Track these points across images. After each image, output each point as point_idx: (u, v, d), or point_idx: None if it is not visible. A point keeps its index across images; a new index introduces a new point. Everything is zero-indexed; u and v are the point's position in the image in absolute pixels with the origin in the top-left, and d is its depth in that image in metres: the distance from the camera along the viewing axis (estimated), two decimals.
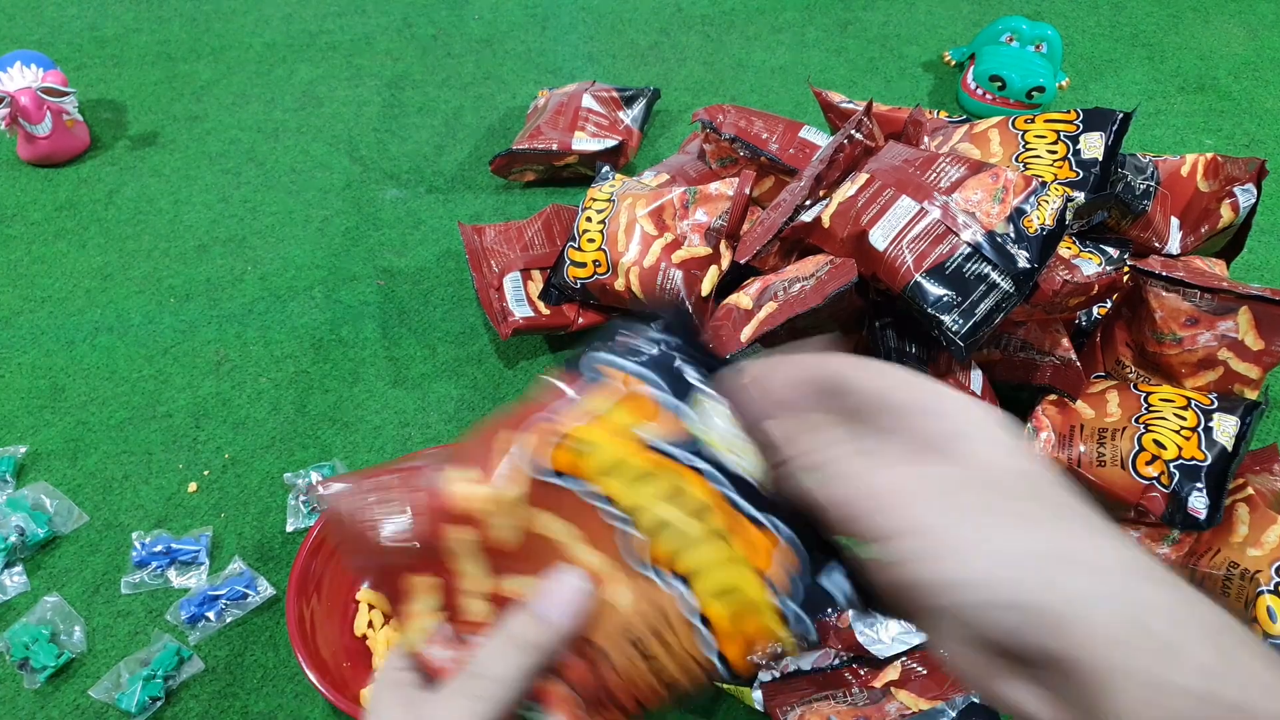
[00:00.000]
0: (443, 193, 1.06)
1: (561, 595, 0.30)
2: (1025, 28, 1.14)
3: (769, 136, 0.90)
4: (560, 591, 0.31)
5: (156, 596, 0.71)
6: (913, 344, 0.72)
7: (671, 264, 0.80)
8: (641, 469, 0.31)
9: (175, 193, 1.07)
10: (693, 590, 0.30)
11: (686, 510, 0.30)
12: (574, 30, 1.33)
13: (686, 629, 0.30)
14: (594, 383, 0.32)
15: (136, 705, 0.63)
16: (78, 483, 0.78)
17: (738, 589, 0.30)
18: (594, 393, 0.32)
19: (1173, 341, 0.72)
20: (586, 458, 0.31)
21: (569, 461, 0.31)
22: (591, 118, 1.06)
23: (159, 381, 0.87)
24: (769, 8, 1.35)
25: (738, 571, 0.30)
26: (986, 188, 0.68)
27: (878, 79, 1.22)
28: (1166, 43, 1.27)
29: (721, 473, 0.30)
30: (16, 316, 0.93)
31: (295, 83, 1.23)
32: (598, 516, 0.31)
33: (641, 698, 0.31)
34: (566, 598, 0.30)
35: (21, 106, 1.03)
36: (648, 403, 0.31)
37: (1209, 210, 0.82)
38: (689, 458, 0.31)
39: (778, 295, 0.71)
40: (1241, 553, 0.64)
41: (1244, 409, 0.69)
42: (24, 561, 0.73)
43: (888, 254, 0.68)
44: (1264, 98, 1.18)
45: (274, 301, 0.94)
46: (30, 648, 0.66)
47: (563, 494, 0.31)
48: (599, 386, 0.32)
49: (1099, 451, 0.69)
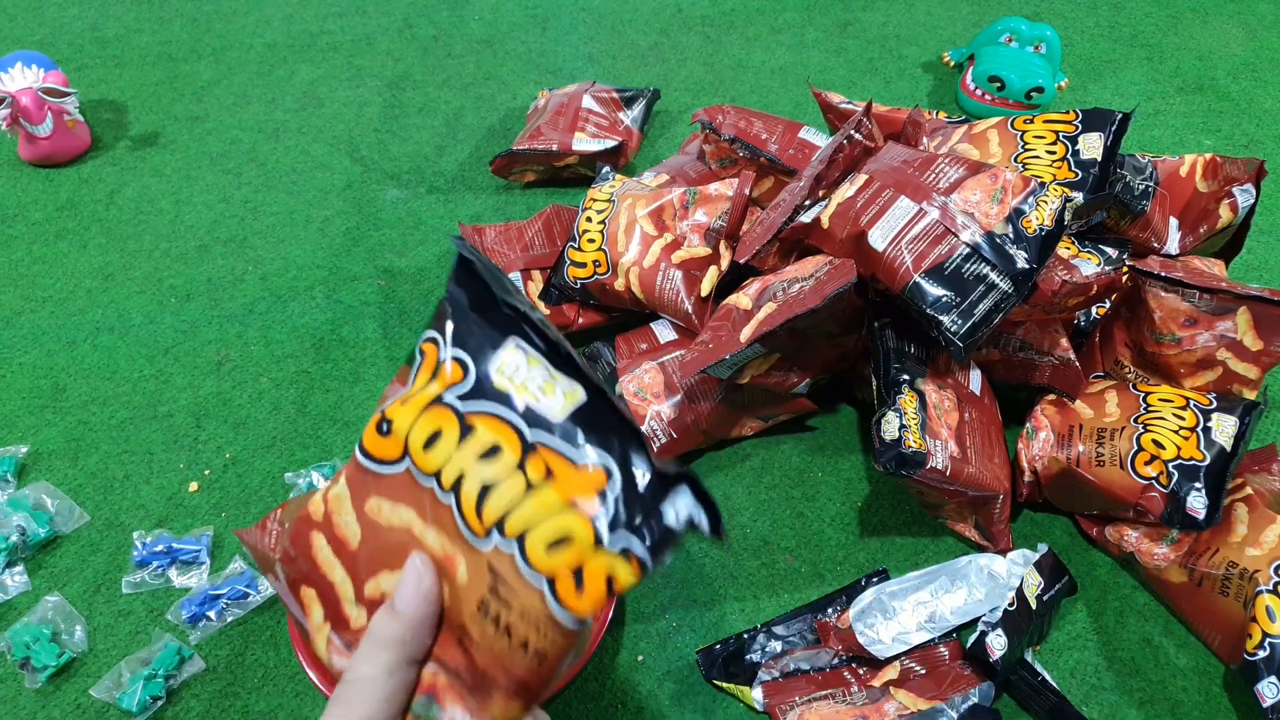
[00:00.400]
0: (443, 193, 1.07)
1: (407, 584, 0.31)
2: (1024, 28, 1.14)
3: (768, 137, 0.90)
4: (405, 580, 0.31)
5: (157, 596, 0.71)
6: (912, 344, 0.72)
7: (671, 264, 0.80)
8: (453, 435, 0.31)
9: (176, 193, 1.07)
10: (525, 547, 0.30)
11: (504, 467, 0.30)
12: (574, 31, 1.33)
13: (526, 587, 0.30)
14: (416, 363, 0.33)
15: (137, 705, 0.63)
16: (79, 482, 0.78)
17: (566, 535, 0.29)
18: (417, 373, 0.33)
19: (1171, 342, 0.72)
20: (395, 437, 0.31)
21: (380, 445, 0.32)
22: (591, 118, 1.06)
23: (160, 381, 0.87)
24: (769, 9, 1.36)
25: (565, 519, 0.29)
26: (985, 188, 0.68)
27: (877, 80, 1.23)
28: (1165, 43, 1.28)
29: (534, 418, 0.30)
30: (18, 316, 0.93)
31: (296, 83, 1.23)
32: (431, 494, 0.31)
33: (517, 673, 0.31)
34: (410, 585, 0.30)
35: (23, 107, 1.03)
36: (455, 368, 0.32)
37: (1208, 210, 0.82)
38: (499, 409, 0.31)
39: (777, 295, 0.71)
40: (1240, 552, 0.64)
41: (1243, 409, 0.69)
42: (25, 561, 0.73)
43: (887, 254, 0.68)
44: (1263, 98, 1.18)
45: (275, 301, 0.94)
46: (31, 647, 0.66)
47: (392, 480, 0.32)
48: (420, 366, 0.33)
49: (1098, 451, 0.69)
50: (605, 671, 0.66)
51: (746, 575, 0.72)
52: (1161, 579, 0.68)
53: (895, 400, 0.68)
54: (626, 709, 0.65)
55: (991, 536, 0.72)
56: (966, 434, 0.69)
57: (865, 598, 0.66)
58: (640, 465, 0.29)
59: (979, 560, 0.70)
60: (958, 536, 0.74)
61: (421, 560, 0.31)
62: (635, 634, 0.68)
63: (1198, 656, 0.67)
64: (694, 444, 0.78)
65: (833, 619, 0.67)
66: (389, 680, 0.30)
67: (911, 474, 0.65)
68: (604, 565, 0.29)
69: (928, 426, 0.67)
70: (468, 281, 0.33)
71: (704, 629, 0.69)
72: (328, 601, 0.33)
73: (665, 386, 0.77)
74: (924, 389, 0.69)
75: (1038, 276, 0.65)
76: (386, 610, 0.31)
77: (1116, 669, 0.66)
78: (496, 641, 0.30)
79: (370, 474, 0.32)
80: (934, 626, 0.66)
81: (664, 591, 0.71)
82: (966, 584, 0.68)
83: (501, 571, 0.30)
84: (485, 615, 0.30)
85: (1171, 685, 0.66)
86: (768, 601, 0.70)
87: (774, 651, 0.67)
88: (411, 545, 0.31)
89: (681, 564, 0.73)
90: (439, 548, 0.31)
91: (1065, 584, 0.68)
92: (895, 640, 0.65)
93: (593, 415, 0.30)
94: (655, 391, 0.77)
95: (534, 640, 0.30)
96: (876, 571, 0.71)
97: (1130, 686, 0.65)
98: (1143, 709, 0.64)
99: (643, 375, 0.78)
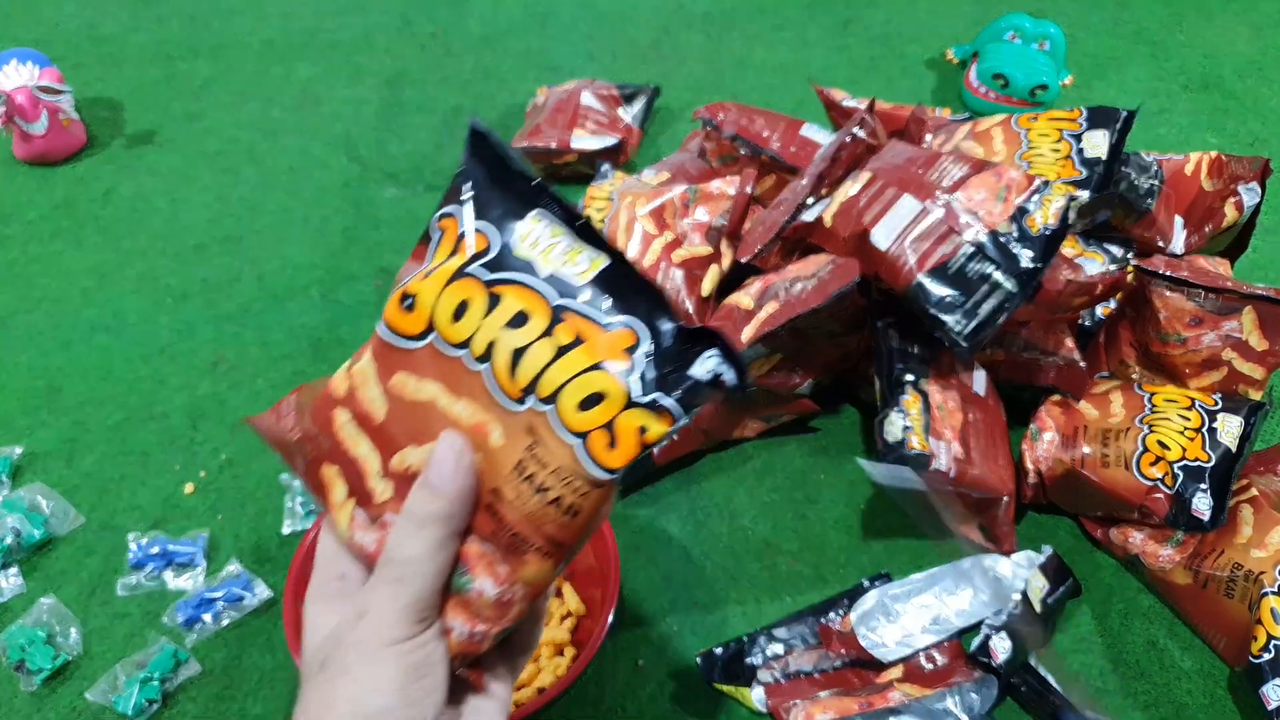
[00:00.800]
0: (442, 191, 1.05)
1: (445, 461, 0.31)
2: (1028, 25, 1.13)
3: (770, 135, 0.90)
4: (443, 457, 0.31)
5: (153, 598, 0.70)
6: (915, 344, 0.71)
7: (672, 263, 0.80)
8: (480, 305, 0.31)
9: (173, 192, 1.07)
10: (558, 406, 0.30)
11: (533, 332, 0.31)
12: (574, 28, 1.32)
13: (560, 445, 0.30)
14: (434, 240, 0.33)
15: (133, 708, 0.63)
16: (74, 484, 0.78)
17: (598, 392, 0.30)
18: (435, 249, 0.33)
19: (1177, 342, 0.71)
20: (419, 311, 0.32)
21: (404, 320, 0.32)
22: (591, 115, 1.05)
23: (156, 382, 0.86)
24: (770, 5, 1.35)
25: (595, 378, 0.30)
26: (989, 187, 0.68)
27: (880, 77, 1.22)
28: (1170, 41, 1.27)
29: (560, 285, 0.31)
30: (13, 316, 0.93)
31: (293, 81, 1.23)
32: (460, 364, 0.32)
33: (550, 530, 0.31)
34: (450, 462, 0.31)
35: (17, 105, 1.02)
36: (480, 238, 0.32)
37: (1213, 209, 0.82)
38: (524, 278, 0.31)
39: (779, 295, 0.70)
40: (1245, 554, 0.64)
41: (1248, 410, 0.68)
42: (20, 563, 0.72)
43: (890, 254, 0.67)
44: (1268, 96, 1.17)
45: (271, 301, 0.94)
46: (26, 650, 0.66)
47: (417, 354, 0.32)
48: (439, 242, 0.33)
49: (1103, 452, 0.68)
50: (605, 677, 0.66)
51: (748, 578, 0.71)
52: (1166, 581, 0.68)
53: (899, 401, 0.67)
54: (627, 713, 0.64)
55: (996, 538, 0.71)
56: (970, 435, 0.68)
57: (868, 600, 0.66)
58: (665, 325, 0.30)
59: (983, 562, 0.69)
60: (961, 538, 0.73)
61: (457, 435, 0.32)
62: (635, 638, 0.68)
63: (1203, 659, 0.66)
64: (695, 445, 0.77)
65: (835, 623, 0.67)
66: (437, 555, 0.31)
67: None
68: (635, 419, 0.30)
69: (931, 427, 0.66)
70: (485, 155, 0.33)
71: (705, 632, 0.68)
72: (351, 476, 0.34)
73: None
74: (928, 389, 0.69)
75: (1042, 276, 0.65)
76: (424, 488, 0.31)
77: (1121, 672, 0.66)
78: (530, 499, 0.31)
79: (395, 349, 0.33)
80: (938, 629, 0.66)
81: (664, 595, 0.70)
82: (970, 586, 0.68)
83: (539, 431, 0.31)
84: (520, 475, 0.31)
85: (1176, 688, 0.65)
86: (769, 604, 0.70)
87: (775, 654, 0.66)
88: (439, 418, 0.32)
89: (682, 567, 0.72)
90: (469, 416, 0.32)
91: (1070, 586, 0.68)
92: (899, 644, 0.65)
93: (616, 280, 0.31)
94: None
95: (568, 496, 0.31)
96: (879, 574, 0.70)
97: (1135, 689, 0.65)
98: (1147, 712, 0.64)
99: None
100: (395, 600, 0.30)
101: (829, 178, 0.76)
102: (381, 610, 0.30)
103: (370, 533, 0.33)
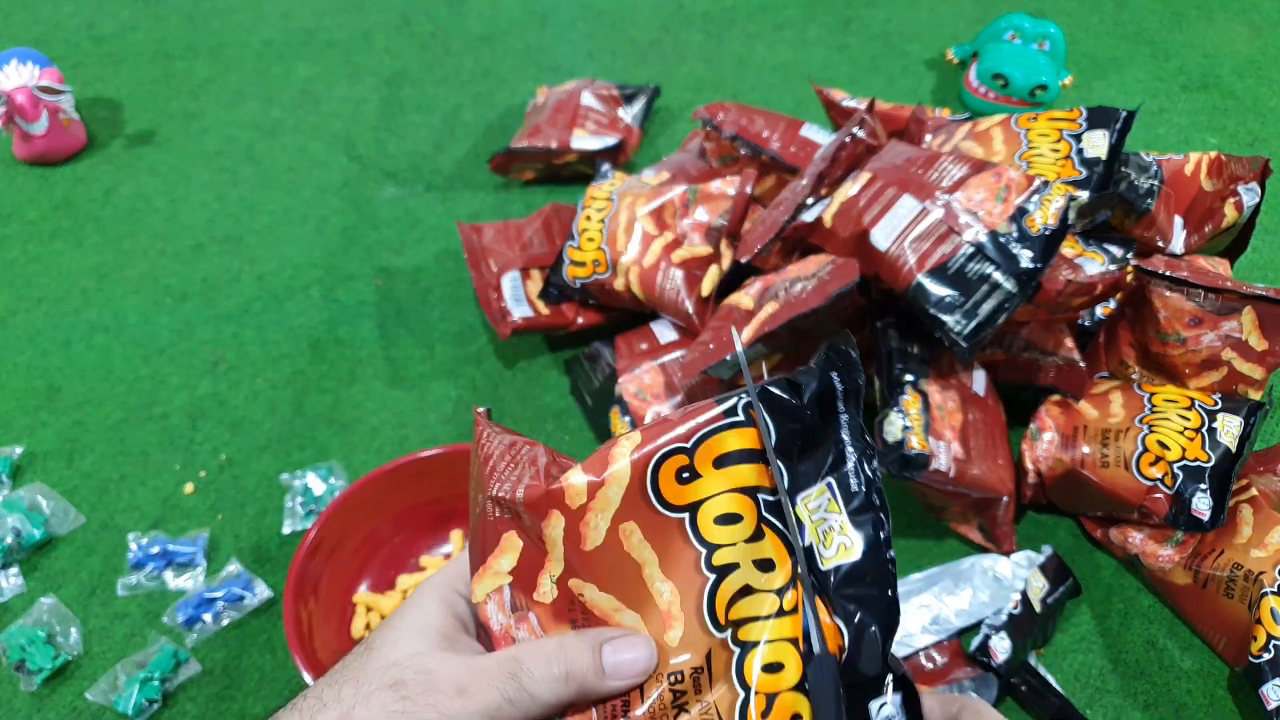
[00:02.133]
0: (441, 191, 1.06)
1: (633, 664, 0.31)
2: (1028, 25, 1.13)
3: (770, 135, 0.89)
4: (634, 659, 0.31)
5: (153, 598, 0.70)
6: (915, 344, 0.71)
7: (672, 263, 0.80)
8: (746, 529, 0.32)
9: (172, 191, 1.07)
10: (747, 657, 0.31)
11: (769, 583, 0.31)
12: (574, 27, 1.32)
13: (728, 690, 0.31)
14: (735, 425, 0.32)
15: (133, 708, 0.63)
16: (74, 484, 0.78)
17: (781, 663, 0.31)
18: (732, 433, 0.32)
19: (1176, 342, 0.71)
20: (690, 493, 0.32)
21: (673, 490, 0.32)
22: (591, 115, 1.05)
23: (155, 382, 0.86)
24: (770, 5, 1.35)
25: (787, 650, 0.31)
26: (989, 187, 0.67)
27: (880, 77, 1.22)
28: (1170, 40, 1.27)
29: (809, 558, 0.32)
30: (12, 316, 0.93)
31: (293, 80, 1.23)
32: (694, 556, 0.32)
33: None
34: (635, 666, 0.31)
35: (17, 105, 1.02)
36: (769, 472, 0.32)
37: (1213, 209, 0.82)
38: (788, 535, 0.32)
39: (779, 295, 0.70)
40: (1245, 554, 0.64)
41: (1248, 410, 0.68)
42: (20, 563, 0.72)
43: (890, 254, 0.67)
44: (1268, 96, 1.17)
45: (271, 301, 0.94)
46: (26, 650, 0.66)
47: (660, 520, 0.32)
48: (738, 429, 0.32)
49: (1102, 452, 0.68)
50: None
51: None
52: (1166, 581, 0.68)
53: (898, 401, 0.67)
54: None
55: (995, 538, 0.71)
56: (970, 435, 0.68)
57: None
58: (871, 646, 0.31)
59: (983, 562, 0.69)
60: (961, 538, 0.73)
61: (654, 649, 0.32)
62: None
63: (1202, 659, 0.66)
64: None
65: None
66: (549, 709, 0.32)
67: (915, 476, 0.64)
68: (796, 703, 0.30)
69: (931, 428, 0.66)
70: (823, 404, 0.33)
71: None
72: (528, 561, 0.34)
73: (666, 387, 0.76)
74: (927, 390, 0.69)
75: (1042, 276, 0.65)
76: (597, 656, 0.32)
77: (1121, 672, 0.66)
78: (662, 714, 0.32)
79: (646, 504, 0.32)
80: (937, 629, 0.66)
81: None
82: (970, 586, 0.68)
83: (715, 664, 0.31)
84: (671, 684, 0.31)
85: (1176, 688, 0.65)
86: None
87: None
88: (639, 583, 0.32)
89: None
90: (666, 601, 0.32)
91: (1069, 586, 0.68)
92: (898, 643, 0.65)
93: (855, 576, 0.31)
94: (655, 392, 0.76)
95: None
96: None
97: (1134, 689, 0.65)
98: (1147, 712, 0.64)
99: (643, 376, 0.77)
100: (492, 712, 0.31)
101: (829, 178, 0.76)
102: (479, 703, 0.31)
103: (505, 616, 0.33)
